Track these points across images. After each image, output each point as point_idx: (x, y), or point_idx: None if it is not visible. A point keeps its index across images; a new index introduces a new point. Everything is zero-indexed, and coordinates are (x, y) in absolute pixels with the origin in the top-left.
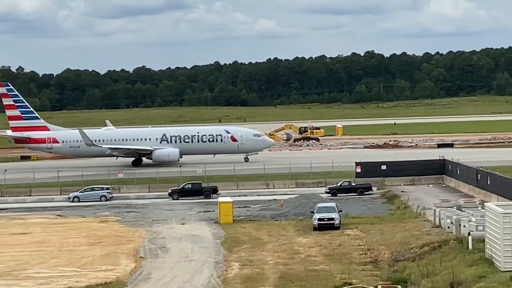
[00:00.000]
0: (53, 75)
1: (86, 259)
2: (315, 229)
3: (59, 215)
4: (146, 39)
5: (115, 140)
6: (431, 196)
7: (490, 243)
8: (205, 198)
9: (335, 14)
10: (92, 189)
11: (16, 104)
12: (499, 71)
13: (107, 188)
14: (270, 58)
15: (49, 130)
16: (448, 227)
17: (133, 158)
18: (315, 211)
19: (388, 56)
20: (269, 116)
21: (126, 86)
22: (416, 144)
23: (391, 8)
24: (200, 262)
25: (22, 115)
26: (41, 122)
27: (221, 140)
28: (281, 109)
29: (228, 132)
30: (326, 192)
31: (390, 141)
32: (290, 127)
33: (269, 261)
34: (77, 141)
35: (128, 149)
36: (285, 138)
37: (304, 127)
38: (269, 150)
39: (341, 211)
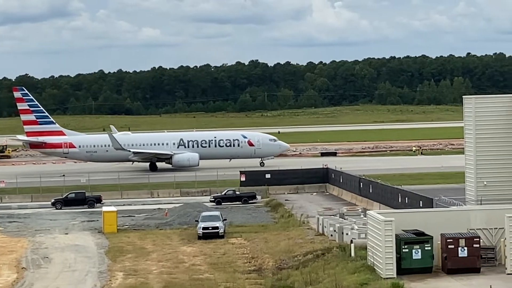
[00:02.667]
0: None
1: None
2: (199, 238)
3: None
4: (29, 47)
5: (132, 145)
6: (314, 204)
7: (372, 250)
8: (89, 208)
9: (219, 23)
10: None
11: (31, 109)
12: (381, 81)
13: None
14: (154, 67)
15: (64, 135)
16: (331, 235)
17: (149, 163)
18: (199, 220)
19: (272, 65)
20: (154, 125)
21: (8, 94)
22: (300, 153)
23: (275, 18)
24: (83, 272)
25: (37, 120)
26: (57, 127)
27: (238, 145)
28: (166, 118)
29: (245, 137)
30: (211, 201)
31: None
32: None
33: (153, 271)
34: (94, 146)
35: (150, 153)
36: None
37: None
38: None
39: (225, 219)
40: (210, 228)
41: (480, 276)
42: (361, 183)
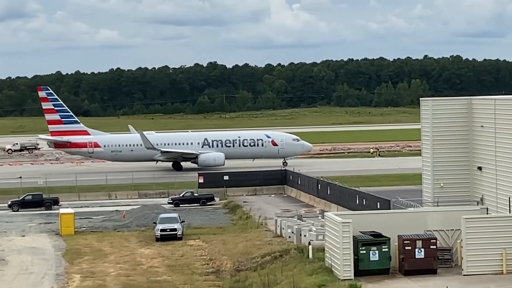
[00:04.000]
0: None
1: None
2: (157, 240)
3: None
4: None
5: (157, 145)
6: (272, 206)
7: (329, 252)
8: (46, 210)
9: (177, 25)
10: None
11: (55, 108)
12: (339, 83)
13: None
14: (112, 68)
15: (89, 134)
16: (289, 237)
17: (172, 163)
18: (157, 222)
19: (230, 67)
20: (112, 127)
21: None
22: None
23: (233, 19)
24: (40, 274)
25: (62, 119)
26: (81, 126)
27: (262, 145)
28: (124, 120)
29: (269, 137)
30: (169, 203)
31: None
32: None
33: (111, 273)
34: (119, 145)
35: (177, 153)
36: None
37: None
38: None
39: (183, 221)
40: (168, 230)
41: (437, 277)
42: (319, 185)
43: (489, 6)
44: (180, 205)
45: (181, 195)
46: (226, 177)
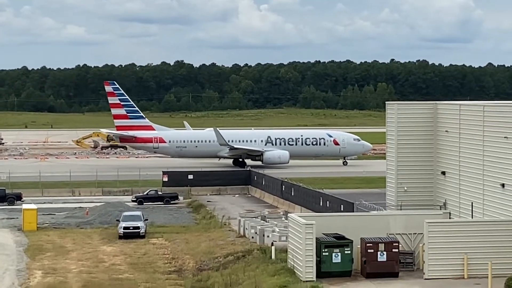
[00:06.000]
0: None
1: None
2: (120, 237)
3: None
4: None
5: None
6: (236, 206)
7: (292, 253)
8: (8, 205)
9: (144, 22)
10: None
11: (121, 103)
12: (306, 85)
13: None
14: (79, 65)
15: (154, 129)
16: (252, 237)
17: (233, 160)
18: (120, 220)
19: (197, 66)
20: (76, 123)
21: None
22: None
23: (200, 19)
24: (1, 270)
25: (128, 114)
26: (146, 121)
27: (324, 144)
28: (89, 116)
29: (331, 136)
30: (133, 201)
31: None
32: (98, 135)
33: (72, 270)
34: (184, 141)
35: (244, 150)
36: (93, 146)
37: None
38: (76, 157)
39: (147, 220)
40: (131, 228)
41: (399, 281)
42: (283, 186)
43: (456, 12)
44: (144, 203)
45: (145, 193)
46: (190, 176)
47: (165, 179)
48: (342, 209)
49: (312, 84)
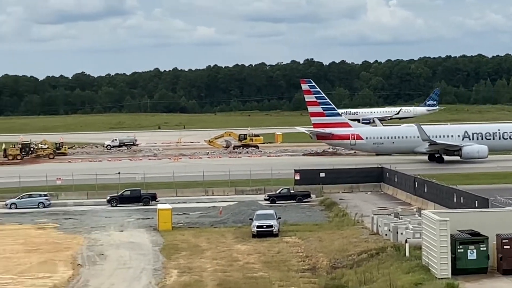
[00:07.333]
0: None
1: (23, 266)
2: (253, 236)
3: None
4: (84, 45)
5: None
6: (369, 204)
7: (426, 250)
8: (144, 205)
9: (273, 22)
10: (30, 196)
11: (318, 101)
12: (437, 80)
13: (45, 195)
14: (210, 65)
15: (350, 126)
16: (386, 235)
17: (429, 155)
18: (254, 218)
19: (327, 64)
20: (208, 123)
21: (65, 92)
22: (355, 152)
23: (328, 16)
24: (138, 269)
25: (324, 112)
26: (342, 118)
27: None
28: (221, 116)
29: None
30: (265, 199)
31: (329, 148)
32: (229, 134)
33: (207, 268)
34: (381, 137)
35: (443, 145)
36: (225, 146)
37: (244, 134)
38: (209, 157)
39: (279, 218)
40: (264, 226)
41: None
42: (416, 183)
43: None
44: (276, 202)
45: (277, 191)
46: (322, 174)
47: (297, 177)
48: (476, 205)
49: (443, 79)
